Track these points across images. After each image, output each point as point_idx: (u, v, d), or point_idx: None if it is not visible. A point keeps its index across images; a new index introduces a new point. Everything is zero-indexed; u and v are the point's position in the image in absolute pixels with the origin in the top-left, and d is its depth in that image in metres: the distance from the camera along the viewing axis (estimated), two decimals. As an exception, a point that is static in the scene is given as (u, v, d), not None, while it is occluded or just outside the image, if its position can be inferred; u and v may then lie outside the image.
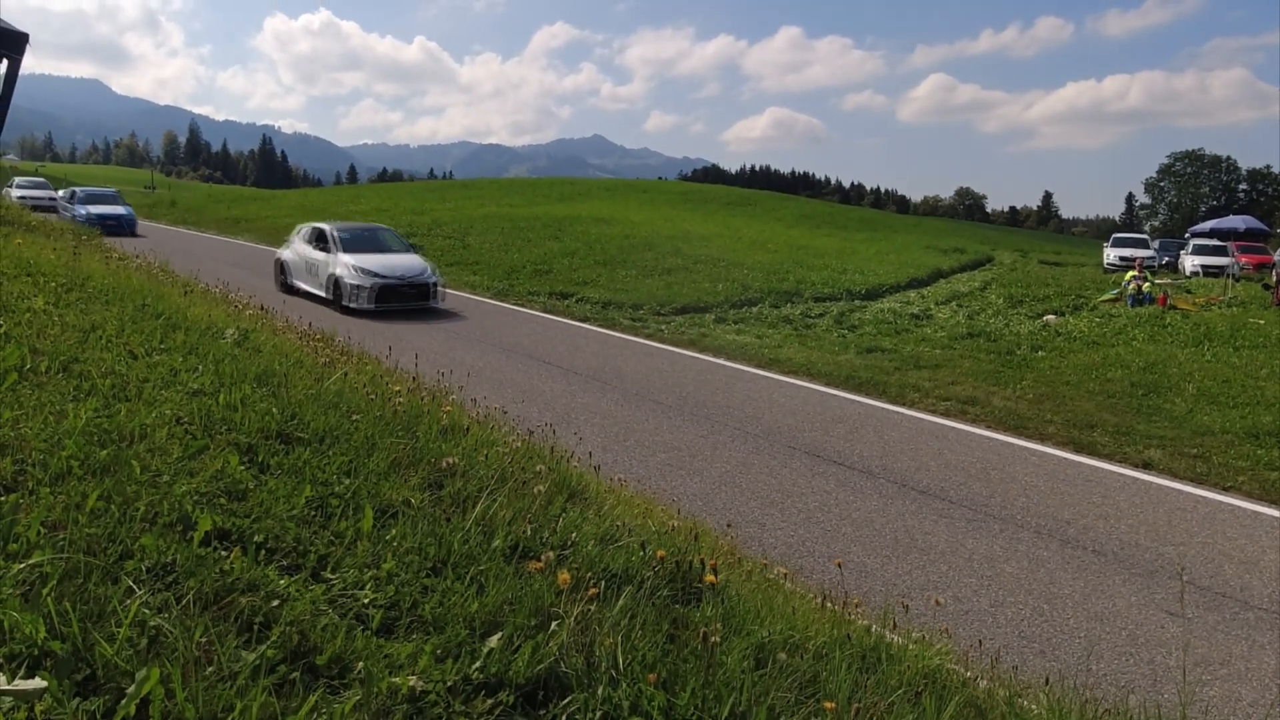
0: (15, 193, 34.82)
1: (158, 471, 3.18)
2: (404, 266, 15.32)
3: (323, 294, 15.48)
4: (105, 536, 2.60)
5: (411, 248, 17.63)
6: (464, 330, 13.76)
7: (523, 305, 17.07)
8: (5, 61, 11.93)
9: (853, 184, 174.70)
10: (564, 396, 9.64)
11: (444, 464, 3.94)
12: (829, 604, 3.85)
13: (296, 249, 16.83)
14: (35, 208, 28.50)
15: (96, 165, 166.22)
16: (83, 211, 28.96)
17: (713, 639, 2.69)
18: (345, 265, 14.92)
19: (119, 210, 30.31)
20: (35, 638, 2.00)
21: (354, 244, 15.83)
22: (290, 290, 16.50)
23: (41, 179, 41.20)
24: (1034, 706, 3.25)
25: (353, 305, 14.57)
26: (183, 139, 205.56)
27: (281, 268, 17.12)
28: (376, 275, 14.75)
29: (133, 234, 28.29)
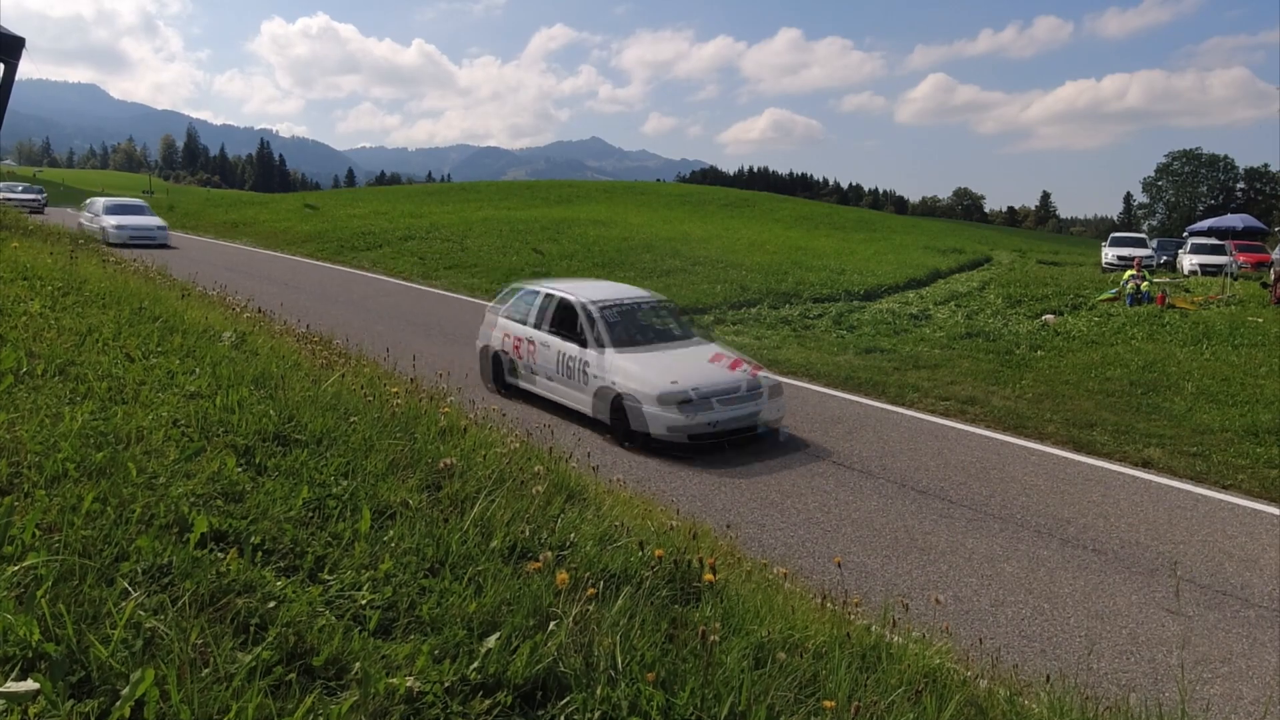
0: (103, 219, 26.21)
1: (154, 474, 3.16)
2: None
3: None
4: (101, 539, 2.59)
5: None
6: (448, 329, 13.75)
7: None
8: (1, 66, 11.87)
9: (851, 185, 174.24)
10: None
11: (442, 465, 3.93)
12: (829, 603, 3.84)
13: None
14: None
15: (94, 170, 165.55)
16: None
17: (711, 638, 2.68)
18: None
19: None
20: (29, 640, 1.98)
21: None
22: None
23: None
24: (1035, 705, 3.24)
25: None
26: (180, 143, 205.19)
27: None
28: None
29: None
